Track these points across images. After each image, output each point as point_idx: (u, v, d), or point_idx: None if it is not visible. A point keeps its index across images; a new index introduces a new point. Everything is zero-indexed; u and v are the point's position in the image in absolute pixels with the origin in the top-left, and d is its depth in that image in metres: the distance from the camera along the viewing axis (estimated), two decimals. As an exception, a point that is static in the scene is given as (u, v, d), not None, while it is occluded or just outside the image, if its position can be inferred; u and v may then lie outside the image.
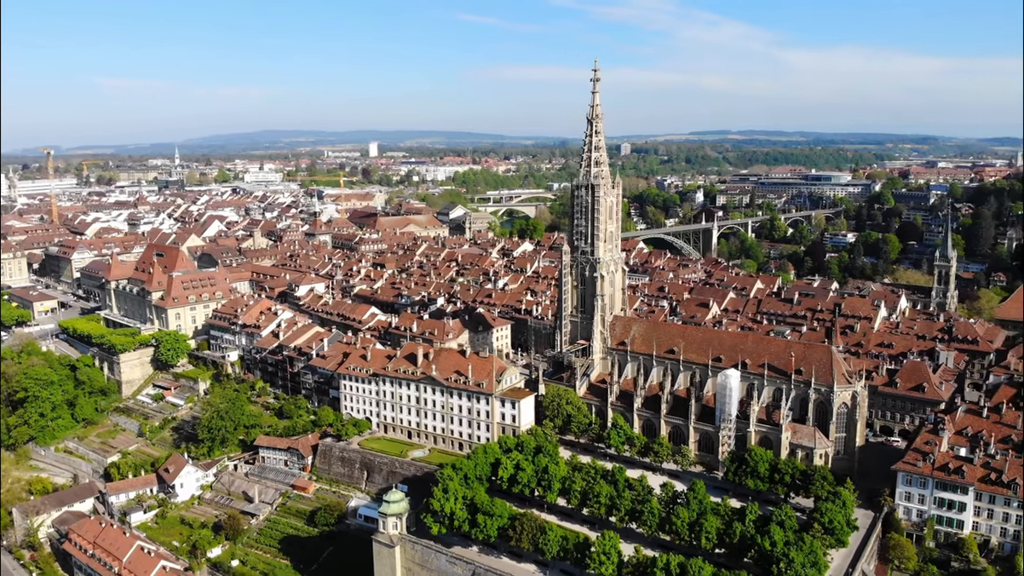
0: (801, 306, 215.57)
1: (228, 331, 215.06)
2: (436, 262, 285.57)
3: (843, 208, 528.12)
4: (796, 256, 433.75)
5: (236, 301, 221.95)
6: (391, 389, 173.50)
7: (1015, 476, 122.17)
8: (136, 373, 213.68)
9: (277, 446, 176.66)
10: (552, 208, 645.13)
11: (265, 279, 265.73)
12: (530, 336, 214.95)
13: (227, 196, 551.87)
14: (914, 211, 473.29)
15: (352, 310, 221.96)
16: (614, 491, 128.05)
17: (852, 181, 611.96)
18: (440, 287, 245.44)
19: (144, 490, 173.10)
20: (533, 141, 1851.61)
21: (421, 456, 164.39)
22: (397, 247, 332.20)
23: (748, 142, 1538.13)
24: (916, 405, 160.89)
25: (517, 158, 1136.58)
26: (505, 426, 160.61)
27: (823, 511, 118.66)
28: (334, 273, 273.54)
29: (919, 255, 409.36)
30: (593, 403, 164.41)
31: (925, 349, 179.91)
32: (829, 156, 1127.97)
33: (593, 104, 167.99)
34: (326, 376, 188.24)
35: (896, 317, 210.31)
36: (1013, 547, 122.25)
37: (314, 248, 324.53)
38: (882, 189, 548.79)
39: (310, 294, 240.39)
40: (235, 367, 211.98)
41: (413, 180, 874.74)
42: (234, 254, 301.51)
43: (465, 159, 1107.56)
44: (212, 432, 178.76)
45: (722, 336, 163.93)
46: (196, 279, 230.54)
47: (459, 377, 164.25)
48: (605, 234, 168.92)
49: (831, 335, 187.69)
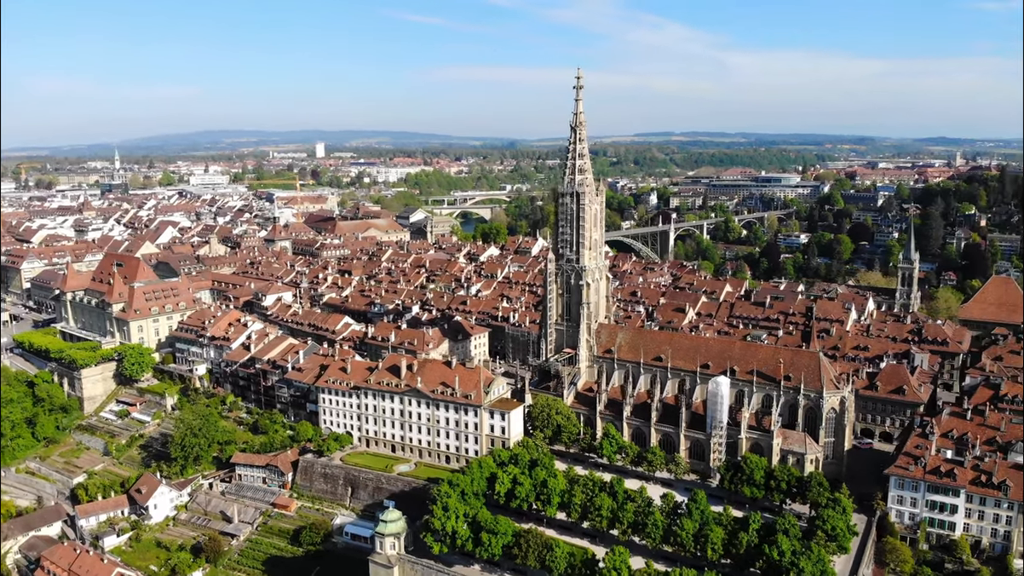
0: (773, 309, 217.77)
1: (195, 344, 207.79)
2: (405, 268, 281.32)
3: (794, 209, 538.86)
4: (752, 257, 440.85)
5: (203, 312, 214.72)
6: (373, 402, 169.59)
7: (1004, 478, 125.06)
8: (98, 389, 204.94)
9: (255, 463, 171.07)
10: (508, 210, 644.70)
11: (228, 288, 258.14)
12: (507, 343, 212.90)
13: (174, 200, 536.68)
14: (864, 212, 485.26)
15: (324, 320, 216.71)
16: (614, 503, 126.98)
17: (801, 183, 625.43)
18: (412, 294, 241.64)
19: (115, 512, 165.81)
20: (482, 142, 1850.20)
21: (408, 471, 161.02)
22: (361, 252, 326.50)
23: (692, 143, 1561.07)
24: (896, 408, 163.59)
25: (468, 159, 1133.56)
26: (494, 438, 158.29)
27: (825, 518, 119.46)
28: (299, 281, 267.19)
29: (871, 255, 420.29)
30: (581, 412, 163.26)
31: (900, 352, 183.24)
32: (773, 157, 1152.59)
33: (576, 112, 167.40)
34: (303, 390, 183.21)
35: (865, 319, 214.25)
36: (1004, 547, 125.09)
37: (274, 255, 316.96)
38: (831, 190, 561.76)
39: (278, 304, 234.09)
40: (203, 381, 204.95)
41: (364, 182, 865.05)
42: (192, 262, 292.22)
43: (416, 160, 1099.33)
44: (185, 450, 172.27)
45: (709, 343, 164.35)
46: (158, 289, 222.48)
47: (446, 389, 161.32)
48: (590, 242, 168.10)
49: (808, 339, 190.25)
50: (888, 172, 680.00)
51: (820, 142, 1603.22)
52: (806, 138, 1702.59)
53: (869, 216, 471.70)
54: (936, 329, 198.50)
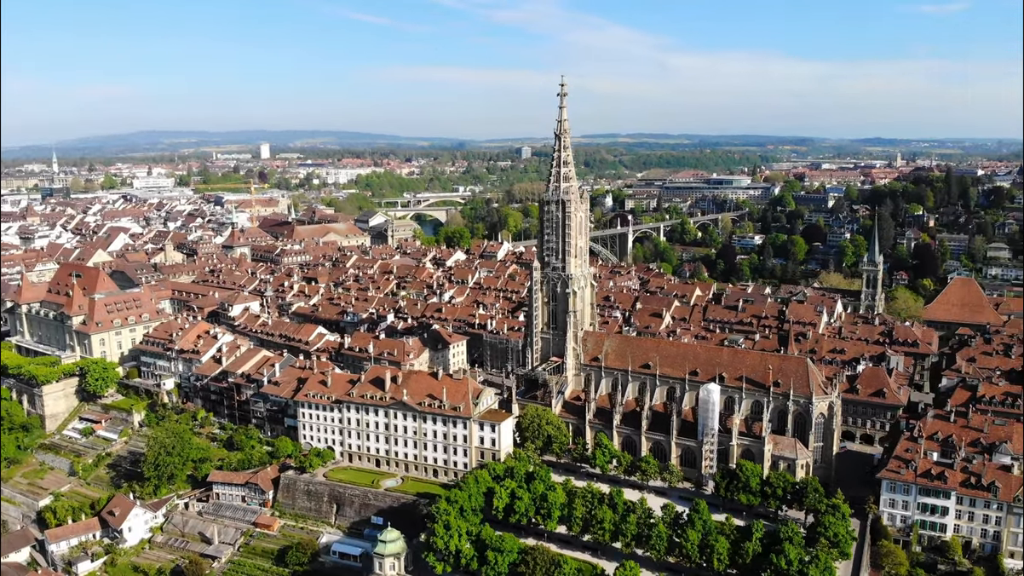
0: (746, 313, 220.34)
1: (162, 357, 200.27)
2: (373, 275, 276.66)
3: (746, 211, 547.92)
4: (708, 259, 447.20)
5: (169, 324, 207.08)
6: (357, 416, 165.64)
7: (993, 479, 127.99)
8: (60, 406, 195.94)
9: (233, 481, 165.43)
10: (464, 212, 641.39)
11: (190, 298, 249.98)
12: (485, 351, 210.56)
13: (120, 205, 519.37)
14: (815, 213, 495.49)
15: (296, 330, 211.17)
16: (616, 516, 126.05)
17: (752, 184, 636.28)
18: (384, 302, 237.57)
19: (87, 536, 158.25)
20: (430, 143, 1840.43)
21: (395, 486, 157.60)
22: (324, 259, 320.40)
23: (638, 145, 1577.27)
24: (877, 410, 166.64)
25: (419, 160, 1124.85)
26: (484, 450, 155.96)
27: (827, 524, 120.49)
28: (263, 289, 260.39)
29: (825, 255, 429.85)
30: (570, 421, 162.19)
31: (875, 354, 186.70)
32: (718, 158, 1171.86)
33: (560, 119, 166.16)
34: (280, 404, 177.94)
35: (835, 321, 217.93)
36: (993, 547, 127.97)
37: (234, 262, 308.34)
38: (781, 192, 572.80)
39: (245, 314, 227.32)
40: (172, 396, 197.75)
41: (314, 183, 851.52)
42: (149, 270, 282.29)
43: (365, 161, 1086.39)
44: (159, 469, 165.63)
45: (697, 350, 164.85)
46: (120, 301, 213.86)
47: (433, 401, 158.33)
48: (576, 249, 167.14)
49: (786, 343, 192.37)
50: (834, 173, 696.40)
51: (762, 143, 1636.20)
52: (748, 139, 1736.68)
53: (821, 217, 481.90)
54: (906, 331, 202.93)
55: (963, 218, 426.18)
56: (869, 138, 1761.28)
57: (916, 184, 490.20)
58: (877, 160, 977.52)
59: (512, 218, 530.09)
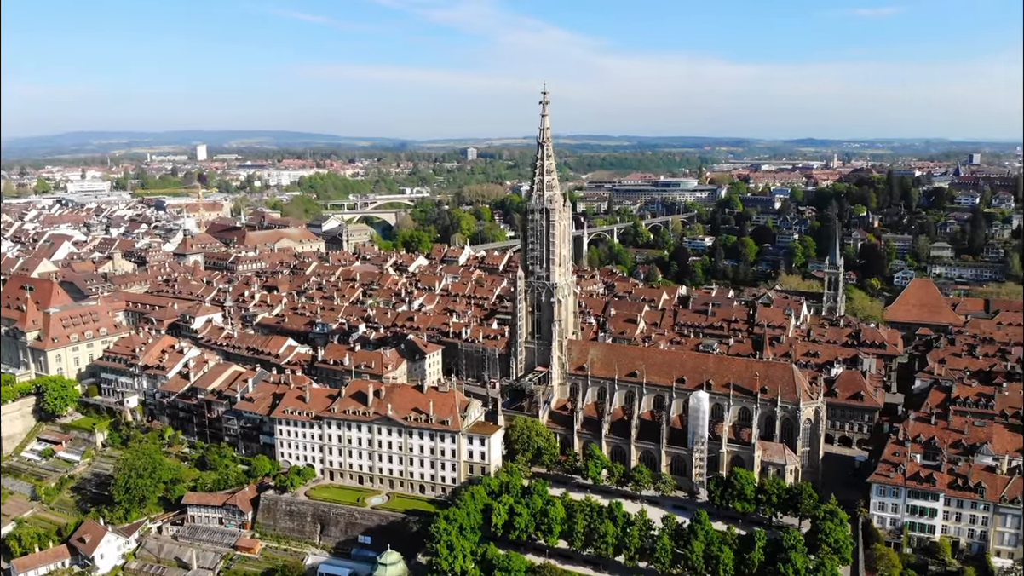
0: (716, 317, 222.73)
1: (124, 373, 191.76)
2: (336, 283, 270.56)
3: (695, 213, 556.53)
4: (662, 260, 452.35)
5: (131, 339, 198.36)
6: (338, 432, 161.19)
7: (979, 480, 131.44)
8: (17, 427, 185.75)
9: (210, 503, 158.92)
10: (414, 215, 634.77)
11: (148, 310, 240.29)
12: (461, 360, 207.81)
13: (56, 211, 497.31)
14: (763, 215, 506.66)
15: (264, 343, 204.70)
16: (618, 529, 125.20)
17: (699, 187, 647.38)
18: (352, 312, 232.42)
19: (56, 564, 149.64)
20: (370, 142, 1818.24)
21: (381, 503, 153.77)
22: (280, 265, 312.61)
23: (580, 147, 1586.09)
24: (855, 413, 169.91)
25: (362, 161, 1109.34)
26: (473, 464, 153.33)
27: (827, 531, 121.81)
28: (222, 299, 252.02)
29: (774, 256, 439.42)
30: (557, 431, 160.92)
31: (847, 357, 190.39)
32: (660, 160, 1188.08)
33: (543, 127, 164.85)
34: (255, 421, 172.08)
35: (801, 324, 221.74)
36: (980, 546, 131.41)
37: (187, 270, 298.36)
38: (728, 194, 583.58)
39: (208, 326, 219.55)
40: (136, 414, 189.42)
41: (255, 186, 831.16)
42: (99, 281, 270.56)
43: (306, 162, 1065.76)
44: (130, 492, 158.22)
45: (683, 357, 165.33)
46: (77, 315, 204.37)
47: (419, 415, 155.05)
48: (560, 258, 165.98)
49: (760, 347, 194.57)
50: (777, 175, 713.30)
51: (700, 144, 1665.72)
52: (686, 141, 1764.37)
53: (769, 219, 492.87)
54: (873, 333, 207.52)
55: (906, 218, 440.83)
56: (802, 139, 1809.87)
57: (859, 186, 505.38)
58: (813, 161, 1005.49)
59: (465, 221, 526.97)
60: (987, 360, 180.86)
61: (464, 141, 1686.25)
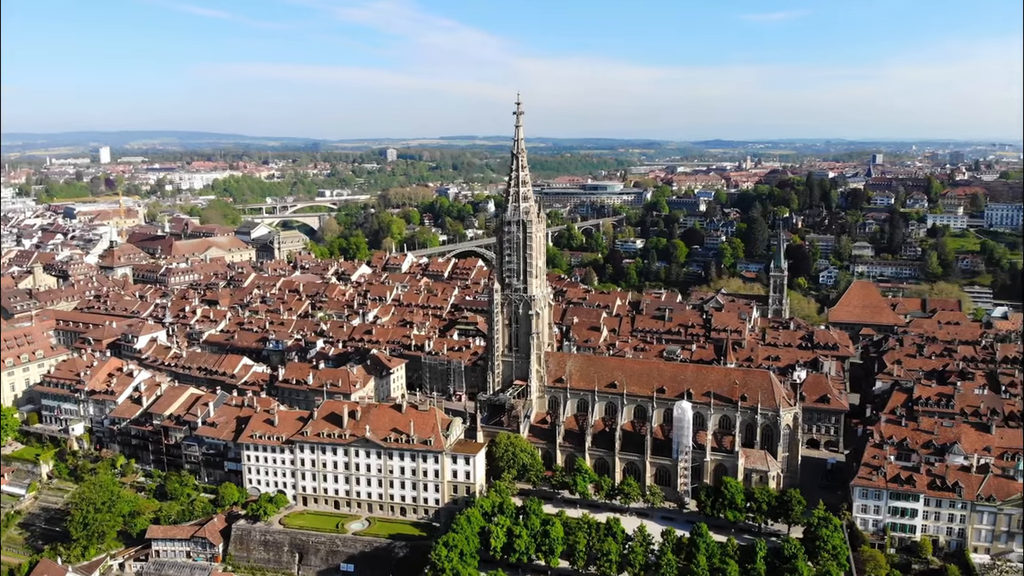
0: (673, 322, 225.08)
1: (68, 399, 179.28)
2: (280, 295, 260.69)
3: (624, 216, 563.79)
4: (597, 263, 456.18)
5: (74, 362, 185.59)
6: (312, 456, 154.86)
7: (956, 480, 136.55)
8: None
9: (176, 536, 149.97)
10: (338, 219, 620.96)
11: (80, 328, 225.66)
12: (425, 374, 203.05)
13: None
14: (690, 217, 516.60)
15: (217, 362, 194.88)
16: (620, 546, 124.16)
17: (624, 190, 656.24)
18: (304, 326, 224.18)
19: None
20: (280, 142, 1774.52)
21: (363, 529, 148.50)
22: (215, 277, 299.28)
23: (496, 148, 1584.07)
24: (822, 415, 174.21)
25: (276, 162, 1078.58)
26: (457, 484, 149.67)
27: (824, 538, 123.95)
28: (161, 316, 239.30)
29: (704, 258, 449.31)
30: (539, 445, 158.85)
31: (808, 360, 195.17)
32: (578, 162, 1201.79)
33: (517, 138, 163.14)
34: (219, 447, 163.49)
35: (753, 327, 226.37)
36: (958, 543, 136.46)
37: (117, 284, 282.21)
38: (654, 197, 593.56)
39: (153, 345, 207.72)
40: (83, 442, 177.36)
41: (167, 190, 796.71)
42: (23, 298, 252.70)
43: (218, 164, 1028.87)
44: (88, 527, 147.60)
45: (661, 367, 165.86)
46: (10, 337, 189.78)
47: (399, 435, 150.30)
48: (537, 270, 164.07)
49: (721, 352, 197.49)
50: (696, 178, 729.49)
51: (613, 147, 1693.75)
52: (600, 143, 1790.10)
53: (697, 221, 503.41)
54: (825, 335, 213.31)
55: (827, 219, 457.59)
56: (710, 140, 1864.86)
57: (781, 188, 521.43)
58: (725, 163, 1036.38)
59: (395, 225, 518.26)
60: (939, 360, 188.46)
61: (380, 141, 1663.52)
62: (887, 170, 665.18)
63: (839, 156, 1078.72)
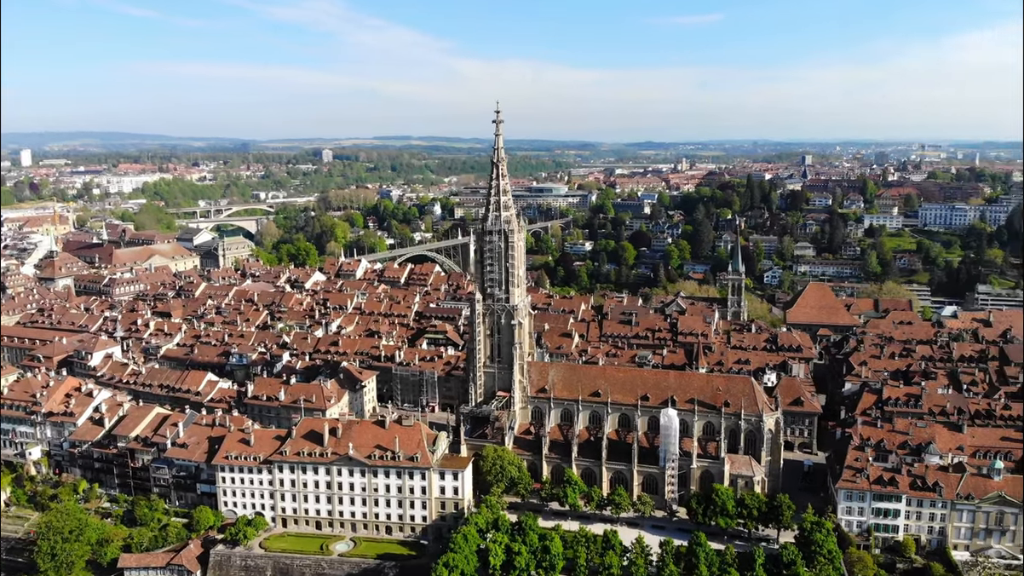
0: (640, 327, 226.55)
1: (23, 422, 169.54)
2: (237, 306, 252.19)
3: (571, 218, 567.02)
4: (548, 266, 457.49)
5: (26, 382, 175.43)
6: (291, 476, 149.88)
7: (936, 479, 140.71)
8: None
9: (151, 564, 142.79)
10: (277, 222, 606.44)
11: (26, 345, 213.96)
12: (396, 385, 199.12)
13: None
14: (636, 219, 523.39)
15: (179, 379, 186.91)
16: (621, 559, 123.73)
17: (569, 192, 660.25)
18: (264, 338, 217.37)
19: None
20: (207, 143, 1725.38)
21: (349, 550, 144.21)
22: (162, 287, 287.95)
23: (432, 148, 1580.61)
24: (796, 418, 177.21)
25: (207, 164, 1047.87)
26: (445, 501, 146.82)
27: (819, 543, 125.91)
28: (111, 329, 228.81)
29: (652, 260, 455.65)
30: (524, 457, 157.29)
31: (777, 363, 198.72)
32: (519, 164, 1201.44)
33: (497, 147, 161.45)
34: (190, 469, 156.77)
35: (716, 330, 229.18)
36: (939, 541, 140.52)
37: (61, 297, 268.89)
38: (600, 199, 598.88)
39: (108, 362, 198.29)
40: (41, 467, 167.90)
41: (95, 194, 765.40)
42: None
43: (146, 166, 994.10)
44: (56, 558, 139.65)
45: (644, 375, 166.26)
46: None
47: (384, 452, 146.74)
48: (518, 280, 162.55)
49: (695, 357, 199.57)
50: (637, 180, 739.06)
51: (549, 148, 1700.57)
52: (535, 144, 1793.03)
53: (643, 223, 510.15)
54: (788, 337, 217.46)
55: (768, 220, 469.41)
56: (642, 142, 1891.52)
57: (723, 190, 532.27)
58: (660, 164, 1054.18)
59: (339, 228, 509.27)
60: (901, 360, 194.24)
61: (312, 141, 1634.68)
62: (820, 171, 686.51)
63: (768, 157, 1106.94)
